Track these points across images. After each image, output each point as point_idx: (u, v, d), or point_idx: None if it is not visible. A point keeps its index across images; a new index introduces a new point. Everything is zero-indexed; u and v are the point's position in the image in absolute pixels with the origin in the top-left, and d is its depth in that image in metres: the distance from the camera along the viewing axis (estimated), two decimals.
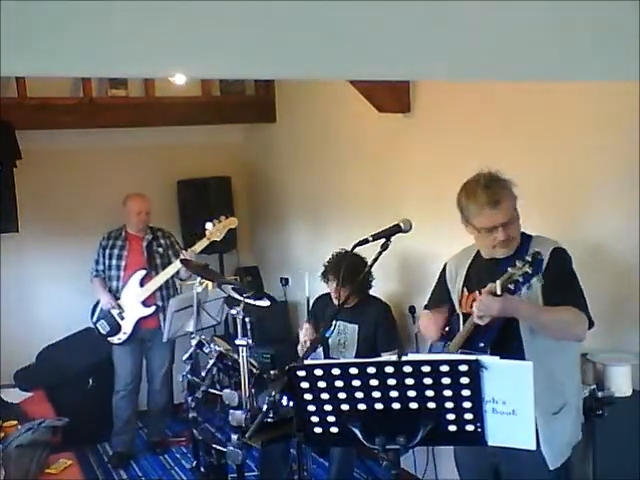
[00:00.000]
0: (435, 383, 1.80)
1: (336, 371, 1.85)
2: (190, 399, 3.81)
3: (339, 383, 1.85)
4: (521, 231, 2.40)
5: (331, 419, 1.90)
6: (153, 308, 4.46)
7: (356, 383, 1.84)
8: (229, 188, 5.40)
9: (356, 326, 3.76)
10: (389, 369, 1.81)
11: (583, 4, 1.03)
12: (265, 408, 2.47)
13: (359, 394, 1.85)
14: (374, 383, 1.83)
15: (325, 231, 4.80)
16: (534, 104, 3.13)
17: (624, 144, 2.75)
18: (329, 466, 3.79)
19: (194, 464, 3.97)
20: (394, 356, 1.83)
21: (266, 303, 3.75)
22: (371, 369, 1.82)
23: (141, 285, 4.45)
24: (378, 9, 0.99)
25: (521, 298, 2.24)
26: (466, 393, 1.80)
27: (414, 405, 1.83)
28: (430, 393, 1.81)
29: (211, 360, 3.72)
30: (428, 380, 1.80)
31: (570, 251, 2.39)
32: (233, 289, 3.69)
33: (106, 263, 4.53)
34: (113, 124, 4.86)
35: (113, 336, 4.48)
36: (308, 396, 1.89)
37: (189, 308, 4.08)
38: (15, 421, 3.52)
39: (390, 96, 3.86)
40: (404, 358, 1.84)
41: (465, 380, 1.79)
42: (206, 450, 3.81)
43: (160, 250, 4.56)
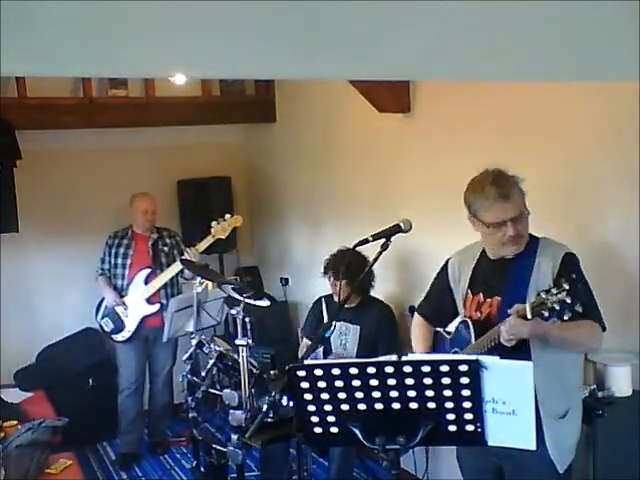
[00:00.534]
0: (435, 383, 1.80)
1: (336, 371, 1.85)
2: (190, 399, 3.81)
3: (339, 383, 1.85)
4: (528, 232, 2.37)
5: (331, 419, 1.90)
6: (157, 306, 4.47)
7: (356, 383, 1.84)
8: (229, 188, 5.40)
9: (358, 327, 3.76)
10: (389, 369, 1.81)
11: (583, 4, 1.03)
12: (265, 408, 2.47)
13: (359, 394, 1.85)
14: (374, 383, 1.83)
15: (325, 231, 4.80)
16: (534, 104, 3.13)
17: (633, 145, 2.73)
18: (329, 466, 3.80)
19: (194, 464, 3.97)
20: (394, 356, 1.83)
21: (266, 303, 3.75)
22: (371, 369, 1.82)
23: (146, 283, 4.47)
24: (378, 9, 0.99)
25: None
26: (466, 393, 1.80)
27: (414, 405, 1.83)
28: (430, 393, 1.81)
29: (211, 360, 3.73)
30: (428, 380, 1.80)
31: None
32: (233, 289, 3.69)
33: (112, 262, 4.54)
34: (113, 124, 4.86)
35: (117, 334, 4.49)
36: (308, 396, 1.89)
37: (189, 308, 4.08)
38: (15, 421, 3.52)
39: (390, 96, 3.86)
40: (404, 358, 1.84)
41: (465, 380, 1.79)
42: (206, 450, 3.82)
43: (165, 249, 4.58)
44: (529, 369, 1.82)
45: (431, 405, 1.82)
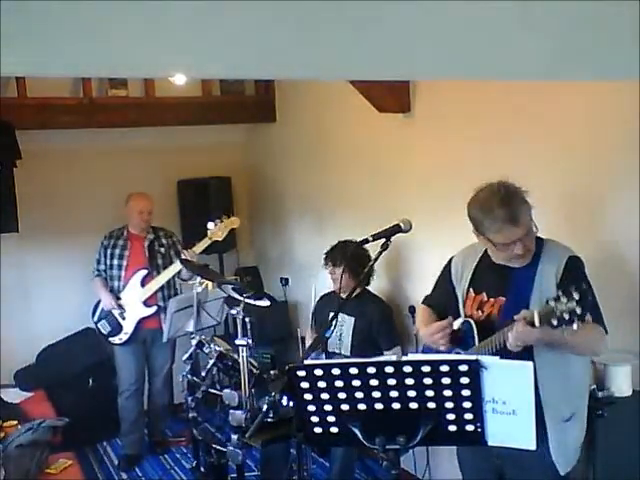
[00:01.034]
0: (435, 383, 1.80)
1: (336, 371, 1.85)
2: (190, 399, 3.81)
3: (339, 383, 1.85)
4: None
5: (331, 419, 1.91)
6: (154, 308, 4.44)
7: (356, 383, 1.84)
8: (229, 188, 5.40)
9: (353, 319, 3.79)
10: (389, 369, 1.81)
11: (583, 4, 1.03)
12: (265, 408, 2.47)
13: (359, 394, 1.85)
14: (374, 383, 1.83)
15: (325, 231, 4.80)
16: (534, 104, 3.13)
17: (633, 144, 2.72)
18: (330, 466, 3.80)
19: (194, 464, 3.97)
20: (394, 356, 1.84)
21: (266, 303, 3.75)
22: (371, 369, 1.82)
23: (142, 285, 4.43)
24: (378, 9, 0.99)
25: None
26: (466, 393, 1.81)
27: (414, 405, 1.83)
28: (430, 393, 1.81)
29: (211, 360, 3.72)
30: (428, 380, 1.80)
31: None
32: (233, 289, 3.69)
33: (107, 263, 4.50)
34: (113, 124, 4.85)
35: (114, 336, 4.47)
36: (308, 396, 1.89)
37: (189, 308, 4.07)
38: (15, 421, 3.53)
39: (390, 96, 3.86)
40: (404, 358, 1.84)
41: (465, 380, 1.79)
42: (206, 450, 3.82)
43: (162, 250, 4.54)
44: (529, 369, 1.82)
45: (431, 405, 1.82)
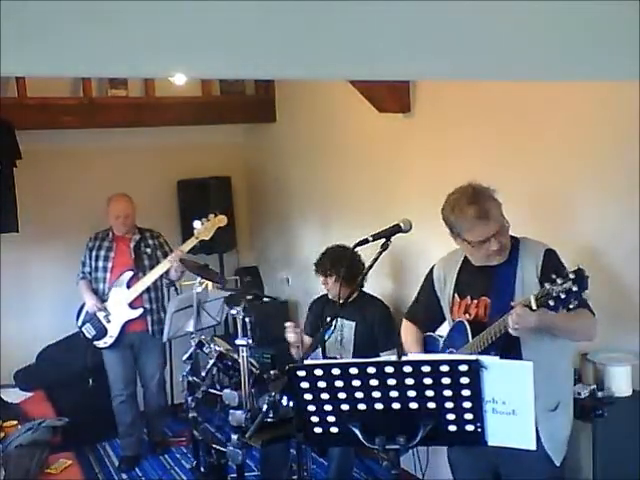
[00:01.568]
0: (435, 383, 1.80)
1: (336, 371, 1.85)
2: (190, 399, 3.81)
3: (339, 383, 1.85)
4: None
5: (331, 419, 1.90)
6: (140, 310, 4.33)
7: (356, 383, 1.84)
8: (229, 188, 5.41)
9: (353, 323, 3.77)
10: (389, 369, 1.81)
11: (583, 4, 1.03)
12: (265, 408, 2.47)
13: (359, 394, 1.85)
14: (374, 383, 1.83)
15: (325, 231, 4.80)
16: (534, 104, 3.13)
17: (623, 145, 2.75)
18: (328, 465, 3.80)
19: (194, 464, 3.97)
20: (394, 356, 1.84)
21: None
22: (371, 369, 1.82)
23: (128, 287, 4.33)
24: (378, 9, 0.99)
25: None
26: (466, 393, 1.80)
27: (414, 405, 1.83)
28: (430, 393, 1.81)
29: (211, 360, 3.72)
30: (428, 380, 1.80)
31: (568, 252, 2.40)
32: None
33: (92, 265, 4.40)
34: (113, 124, 4.85)
35: (99, 340, 4.36)
36: (308, 396, 1.89)
37: (189, 308, 4.07)
38: (15, 421, 3.53)
39: (390, 96, 3.86)
40: (404, 358, 1.84)
41: (465, 380, 1.79)
42: (206, 450, 3.82)
43: (148, 251, 4.43)
44: (529, 369, 1.82)
45: (431, 405, 1.82)
